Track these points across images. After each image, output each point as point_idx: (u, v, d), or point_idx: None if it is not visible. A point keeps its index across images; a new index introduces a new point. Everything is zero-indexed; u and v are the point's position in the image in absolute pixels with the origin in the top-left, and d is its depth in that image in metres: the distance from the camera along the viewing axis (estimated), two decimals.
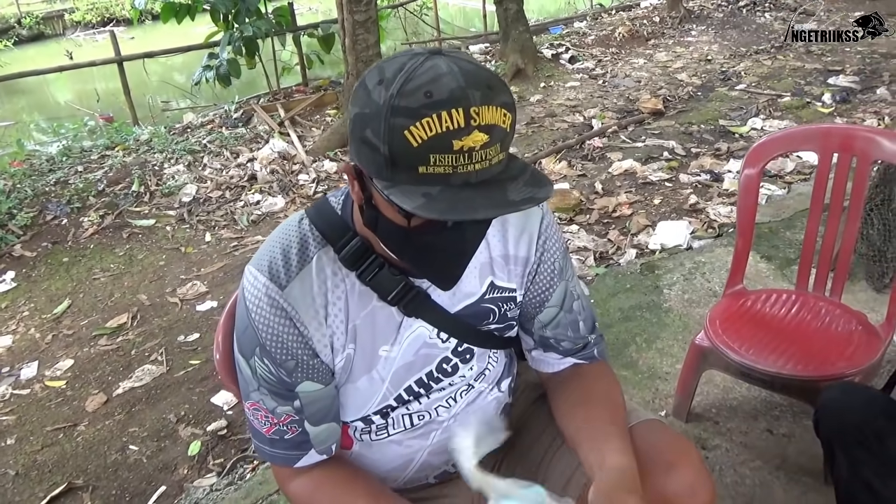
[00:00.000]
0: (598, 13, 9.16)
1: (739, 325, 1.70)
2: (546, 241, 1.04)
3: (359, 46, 5.15)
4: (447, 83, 0.71)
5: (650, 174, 3.98)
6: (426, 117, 0.70)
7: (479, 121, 0.71)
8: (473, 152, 0.72)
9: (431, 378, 1.01)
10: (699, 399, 1.93)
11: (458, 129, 0.70)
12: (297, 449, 0.97)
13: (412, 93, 0.71)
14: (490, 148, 0.73)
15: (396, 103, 0.71)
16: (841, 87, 5.29)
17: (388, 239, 0.85)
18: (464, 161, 0.72)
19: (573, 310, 1.08)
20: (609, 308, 2.51)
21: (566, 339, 1.08)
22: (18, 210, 4.12)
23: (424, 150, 0.71)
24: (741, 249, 1.85)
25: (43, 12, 15.30)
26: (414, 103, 0.71)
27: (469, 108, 0.70)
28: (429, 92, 0.71)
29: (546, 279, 1.05)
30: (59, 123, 6.10)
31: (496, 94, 0.73)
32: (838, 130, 1.74)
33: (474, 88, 0.72)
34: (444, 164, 0.71)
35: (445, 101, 0.70)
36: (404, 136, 0.71)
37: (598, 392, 1.04)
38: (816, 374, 1.51)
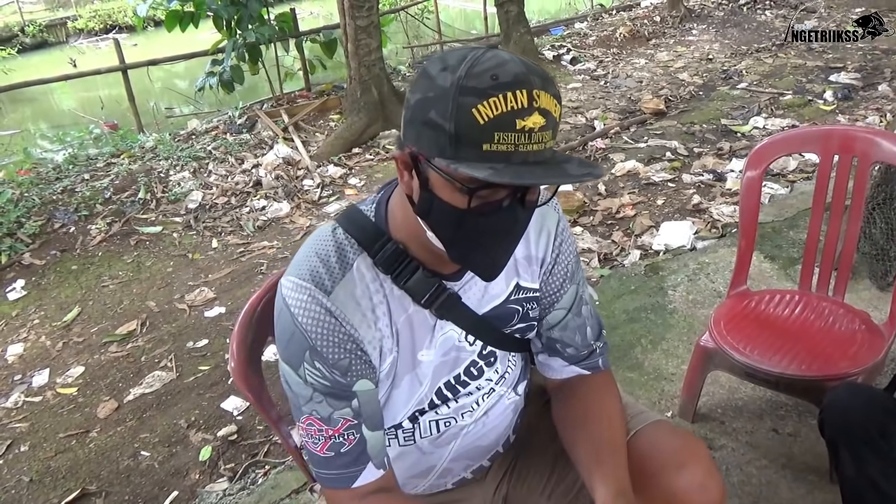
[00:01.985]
0: (598, 14, 9.17)
1: (744, 326, 1.72)
2: (562, 242, 1.07)
3: (361, 51, 5.18)
4: (511, 68, 0.76)
5: (653, 175, 4.00)
6: (493, 97, 0.74)
7: (540, 103, 0.76)
8: (533, 133, 0.76)
9: (459, 381, 1.04)
10: (705, 399, 1.95)
11: (522, 108, 0.75)
12: (354, 464, 0.94)
13: (480, 75, 0.76)
14: (545, 132, 0.77)
15: (465, 83, 0.75)
16: (842, 84, 5.30)
17: (442, 223, 0.85)
18: (524, 140, 0.76)
19: (581, 314, 1.10)
20: (614, 310, 2.53)
21: (572, 344, 1.10)
22: (27, 219, 4.16)
23: (490, 128, 0.74)
24: (744, 250, 1.87)
25: (46, 20, 15.38)
26: (482, 84, 0.75)
27: (532, 91, 0.75)
28: (495, 75, 0.75)
29: (558, 280, 1.07)
30: (65, 132, 6.13)
31: (549, 85, 0.79)
32: (839, 132, 1.76)
33: (535, 75, 0.77)
34: (507, 142, 0.75)
35: (511, 83, 0.75)
36: (472, 113, 0.74)
37: (597, 412, 1.06)
38: (820, 374, 1.53)
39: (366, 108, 5.28)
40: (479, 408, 1.07)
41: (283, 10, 6.59)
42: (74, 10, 16.06)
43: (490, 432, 1.11)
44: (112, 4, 16.09)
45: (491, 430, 1.11)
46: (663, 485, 0.98)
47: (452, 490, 1.16)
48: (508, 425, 1.14)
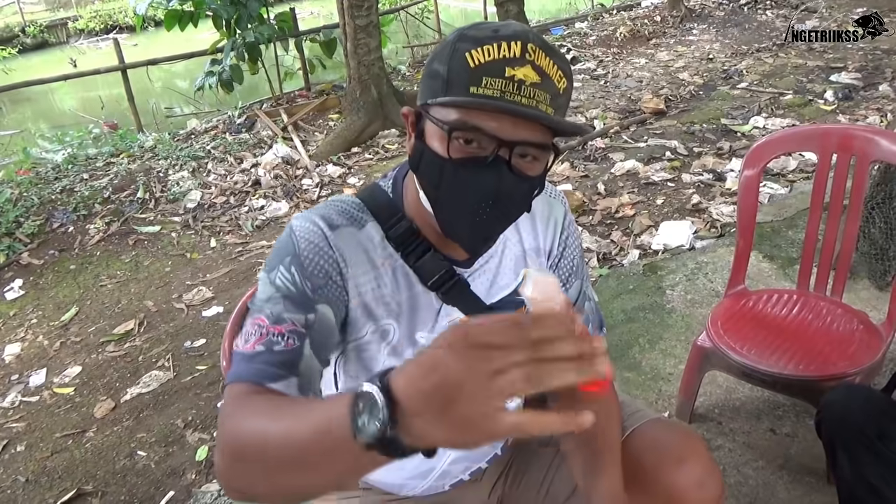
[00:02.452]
0: (599, 13, 9.16)
1: (741, 326, 1.71)
2: (568, 236, 1.06)
3: (360, 51, 5.18)
4: (517, 27, 0.80)
5: (653, 174, 3.99)
6: (488, 44, 0.77)
7: (534, 58, 0.77)
8: (523, 86, 0.76)
9: None
10: (702, 400, 1.94)
11: (514, 58, 0.77)
12: (280, 368, 0.80)
13: (483, 28, 0.80)
14: (540, 90, 0.77)
15: (465, 32, 0.80)
16: (843, 84, 5.28)
17: (428, 175, 0.85)
18: (511, 89, 0.76)
19: (584, 310, 1.09)
20: (612, 309, 2.52)
21: None
22: (25, 218, 4.15)
23: (479, 72, 0.77)
24: (742, 250, 1.86)
25: (47, 21, 15.40)
26: (481, 34, 0.79)
27: (527, 44, 0.77)
28: (497, 29, 0.79)
29: (564, 274, 1.07)
30: (64, 131, 6.13)
31: (556, 56, 0.80)
32: (837, 130, 1.75)
33: (538, 39, 0.79)
34: (493, 87, 0.76)
35: (509, 35, 0.78)
36: (464, 57, 0.77)
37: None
38: (818, 375, 1.52)
39: (365, 107, 5.28)
40: None
41: (283, 10, 6.59)
42: (75, 11, 16.08)
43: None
44: (113, 5, 16.10)
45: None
46: (662, 481, 0.97)
47: (449, 491, 1.15)
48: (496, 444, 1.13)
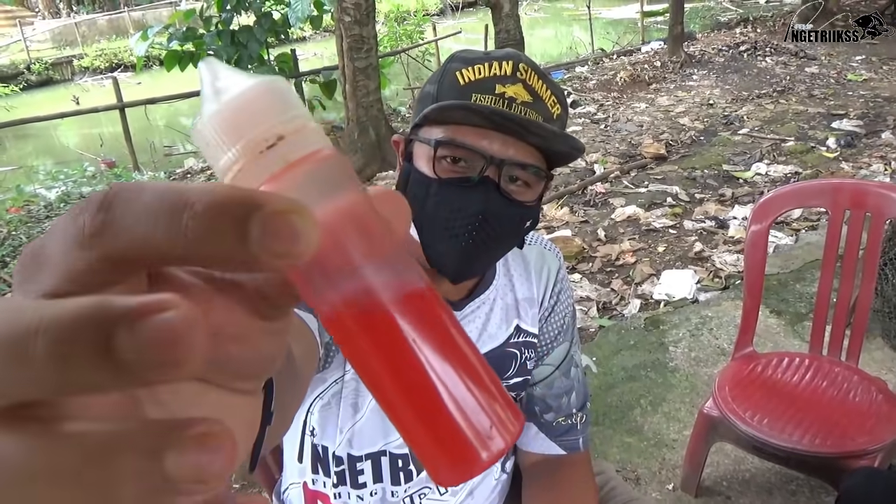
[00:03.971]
0: (599, 58, 9.23)
1: (750, 393, 1.59)
2: (561, 290, 1.01)
3: (359, 92, 5.16)
4: (508, 50, 0.79)
5: (654, 220, 3.90)
6: (479, 63, 0.76)
7: (526, 77, 0.75)
8: (514, 103, 0.74)
9: None
10: (709, 471, 1.81)
11: (504, 76, 0.75)
12: None
13: (475, 51, 0.81)
14: (531, 110, 0.75)
15: (457, 54, 0.80)
16: (845, 131, 5.24)
17: (415, 197, 0.79)
18: (502, 106, 0.74)
19: (570, 376, 1.01)
20: (612, 367, 2.40)
21: (553, 407, 1.00)
22: (12, 258, 4.05)
23: (469, 89, 0.75)
24: (750, 309, 1.75)
25: (52, 58, 15.62)
26: (472, 55, 0.79)
27: (518, 63, 0.76)
28: (489, 52, 0.79)
29: (553, 331, 1.00)
30: (59, 169, 6.09)
31: (549, 80, 0.78)
32: (850, 186, 1.66)
33: (530, 61, 0.78)
34: (483, 103, 0.74)
35: (500, 56, 0.77)
36: (455, 75, 0.76)
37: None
38: (836, 451, 1.40)
39: (363, 148, 5.24)
40: (464, 486, 0.97)
41: (284, 51, 6.62)
42: (81, 49, 16.32)
43: None
44: (118, 43, 16.36)
45: None
46: None
47: None
48: None
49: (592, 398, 2.20)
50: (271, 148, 0.21)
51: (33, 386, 0.16)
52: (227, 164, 0.21)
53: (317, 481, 0.97)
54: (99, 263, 0.18)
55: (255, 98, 0.21)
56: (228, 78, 0.22)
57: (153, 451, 0.16)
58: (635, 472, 1.87)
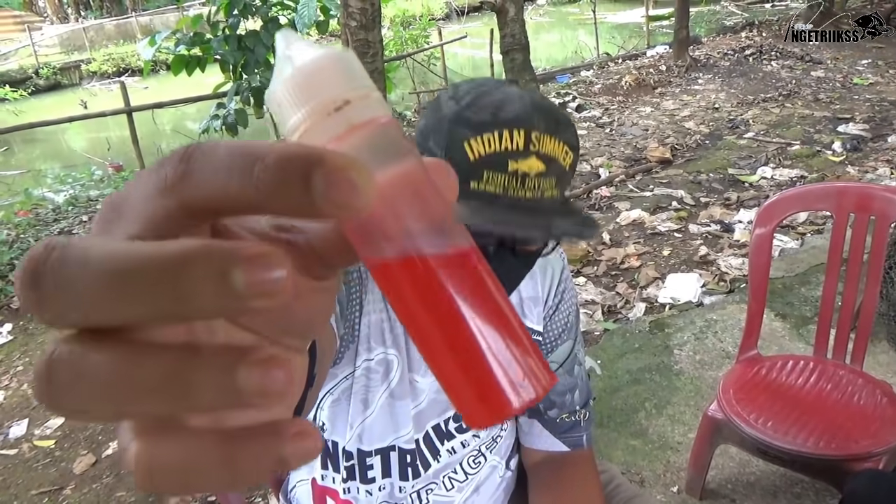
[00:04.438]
0: (604, 62, 9.23)
1: (755, 395, 1.60)
2: (565, 290, 1.01)
3: None
4: (517, 106, 0.72)
5: (659, 224, 3.90)
6: (487, 132, 0.71)
7: (539, 147, 0.71)
8: (527, 178, 0.71)
9: (447, 427, 0.96)
10: (714, 473, 1.81)
11: (517, 150, 0.71)
12: None
13: (480, 108, 0.72)
14: (545, 179, 0.72)
15: (462, 113, 0.72)
16: (851, 135, 5.24)
17: None
18: (515, 185, 0.71)
19: (573, 374, 1.02)
20: (617, 370, 2.41)
21: (556, 404, 1.01)
22: (20, 260, 4.09)
23: (479, 165, 0.71)
24: (754, 313, 1.75)
25: (61, 63, 15.72)
26: (478, 117, 0.72)
27: (531, 133, 0.71)
28: (497, 110, 0.72)
29: (556, 330, 1.01)
30: (67, 173, 6.14)
31: (562, 130, 0.74)
32: (854, 189, 1.66)
33: (541, 117, 0.72)
34: (495, 182, 0.71)
35: (510, 120, 0.71)
36: (463, 146, 0.71)
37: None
38: (840, 454, 1.40)
39: None
40: (468, 479, 0.99)
41: None
42: (89, 54, 16.42)
43: None
44: (126, 48, 16.45)
45: None
46: None
47: None
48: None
49: (597, 401, 2.21)
50: (338, 111, 0.22)
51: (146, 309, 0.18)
52: (296, 123, 0.23)
53: (326, 477, 0.98)
54: (179, 211, 0.20)
55: (326, 66, 0.23)
56: (302, 47, 0.24)
57: (227, 367, 0.19)
58: (640, 474, 1.88)
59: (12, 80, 13.78)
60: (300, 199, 0.19)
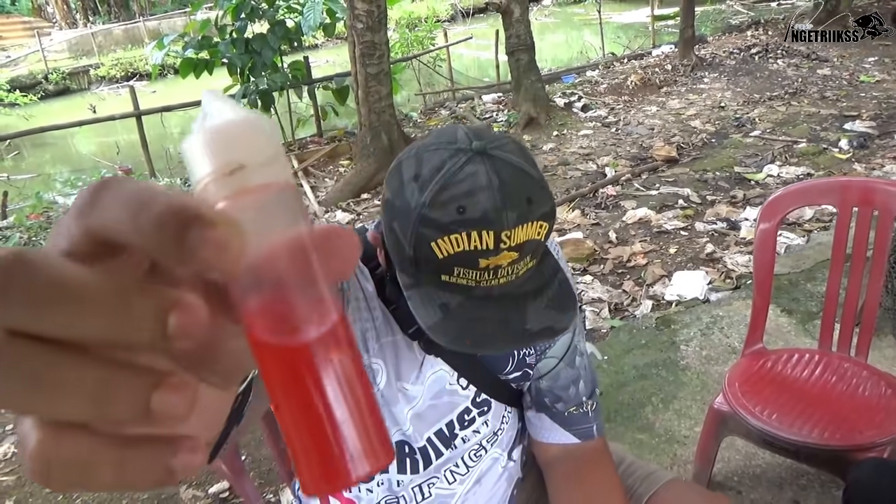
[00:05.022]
0: (609, 62, 9.24)
1: (760, 388, 1.61)
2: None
3: (371, 98, 5.22)
4: (482, 201, 0.68)
5: (665, 222, 3.92)
6: (455, 233, 0.69)
7: (510, 243, 0.70)
8: (500, 269, 0.71)
9: (451, 429, 0.97)
10: (720, 466, 1.83)
11: (487, 250, 0.69)
12: None
13: (444, 205, 0.69)
14: (519, 263, 0.72)
15: (426, 214, 0.69)
16: (858, 132, 5.23)
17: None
18: (488, 277, 0.71)
19: (575, 365, 1.02)
20: (623, 365, 2.42)
21: (562, 398, 1.01)
22: None
23: (449, 263, 0.70)
24: (759, 306, 1.77)
25: (69, 68, 15.84)
26: (444, 217, 0.69)
27: (500, 233, 0.68)
28: (461, 207, 0.68)
29: None
30: (78, 176, 6.20)
31: (535, 208, 0.71)
32: (857, 184, 1.68)
33: (511, 208, 0.69)
34: (467, 277, 0.71)
35: (477, 220, 0.68)
36: (430, 246, 0.70)
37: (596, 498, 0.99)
38: (844, 444, 1.42)
39: (375, 154, 5.29)
40: (469, 472, 1.00)
41: (297, 59, 6.70)
42: (98, 59, 16.54)
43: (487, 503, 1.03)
44: (134, 53, 16.57)
45: (485, 502, 1.03)
46: None
47: None
48: (503, 496, 1.06)
49: (604, 396, 2.23)
50: (232, 174, 0.24)
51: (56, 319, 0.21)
52: (196, 179, 0.24)
53: None
54: (84, 236, 0.22)
55: (233, 130, 0.24)
56: (220, 108, 0.25)
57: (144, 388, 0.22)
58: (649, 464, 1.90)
59: (22, 85, 13.90)
60: (173, 250, 0.21)
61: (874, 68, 7.35)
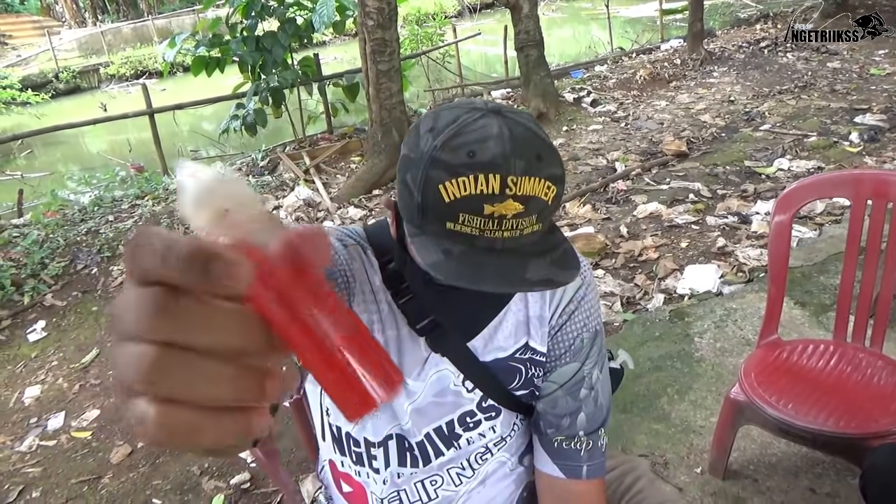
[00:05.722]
0: (618, 57, 9.24)
1: (776, 378, 1.64)
2: (575, 311, 0.96)
3: (382, 95, 5.25)
4: (492, 146, 0.70)
5: (676, 217, 3.94)
6: (462, 176, 0.70)
7: (516, 191, 0.70)
8: (504, 220, 0.71)
9: (452, 429, 0.95)
10: (736, 455, 1.86)
11: (492, 194, 0.70)
12: None
13: (456, 149, 0.71)
14: (524, 218, 0.72)
15: (438, 155, 0.72)
16: (868, 125, 5.22)
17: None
18: (492, 226, 0.71)
19: (578, 398, 0.96)
20: (639, 357, 2.45)
21: (553, 424, 0.97)
22: (51, 259, 4.20)
23: (455, 208, 0.71)
24: (774, 297, 1.79)
25: (80, 66, 15.94)
26: (454, 159, 0.71)
27: (507, 177, 0.70)
28: (472, 152, 0.71)
29: (560, 349, 0.96)
30: (91, 174, 6.26)
31: (543, 166, 0.72)
32: (870, 176, 1.70)
33: (519, 157, 0.71)
34: (471, 225, 0.71)
35: (485, 164, 0.70)
36: (438, 189, 0.71)
37: None
38: (860, 432, 1.45)
39: (386, 150, 5.32)
40: (475, 474, 0.99)
41: (307, 55, 6.73)
42: (107, 57, 16.63)
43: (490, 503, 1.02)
44: (143, 51, 16.65)
45: (490, 501, 1.02)
46: None
47: None
48: (511, 497, 1.04)
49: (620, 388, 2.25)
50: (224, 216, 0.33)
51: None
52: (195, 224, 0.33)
53: (336, 461, 1.02)
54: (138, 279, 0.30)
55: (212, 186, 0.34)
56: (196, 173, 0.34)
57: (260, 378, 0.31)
58: (664, 457, 1.93)
59: (34, 84, 14.00)
60: (202, 279, 0.29)
61: (885, 61, 7.32)
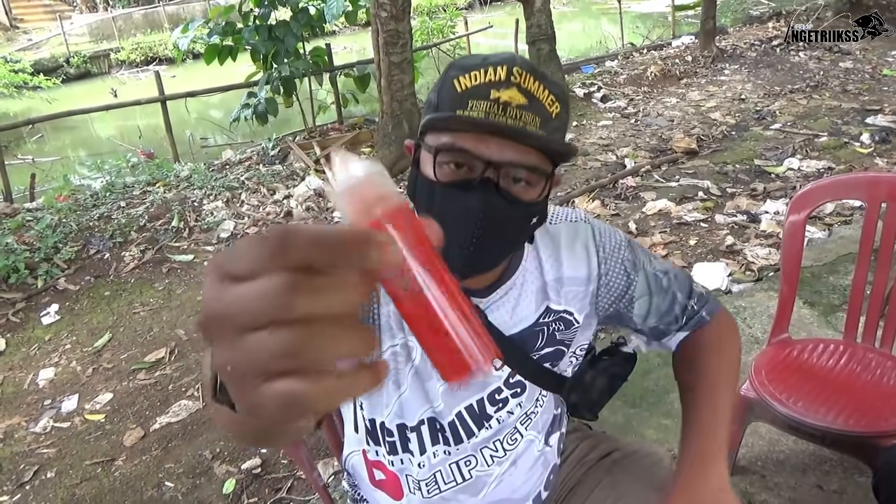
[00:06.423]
0: (629, 52, 9.21)
1: (786, 376, 1.66)
2: (605, 247, 1.01)
3: (394, 86, 5.26)
4: (505, 54, 0.83)
5: (685, 214, 3.95)
6: (475, 70, 0.81)
7: (520, 81, 0.79)
8: (508, 107, 0.78)
9: (482, 407, 0.99)
10: (744, 451, 1.88)
11: (499, 81, 0.79)
12: None
13: (474, 56, 0.84)
14: (527, 112, 0.79)
15: (457, 62, 0.84)
16: (880, 126, 5.22)
17: (420, 200, 0.86)
18: (497, 111, 0.78)
19: (664, 287, 1.04)
20: (648, 353, 2.47)
21: (672, 319, 1.06)
22: (64, 244, 4.23)
23: (465, 96, 0.80)
24: (786, 297, 1.81)
25: (90, 52, 15.96)
26: (470, 62, 0.82)
27: (512, 68, 0.79)
28: (487, 57, 0.83)
29: (621, 280, 1.02)
30: (103, 160, 6.29)
31: (546, 80, 0.82)
32: (887, 179, 1.71)
33: (527, 65, 0.81)
34: (479, 109, 0.78)
35: (496, 61, 0.81)
36: (452, 83, 0.81)
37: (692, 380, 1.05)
38: (870, 430, 1.47)
39: (396, 141, 5.34)
40: (507, 455, 1.02)
41: (318, 46, 6.74)
42: (118, 43, 16.64)
43: (521, 486, 1.05)
44: (154, 37, 16.65)
45: (521, 484, 1.05)
46: None
47: None
48: (538, 479, 1.07)
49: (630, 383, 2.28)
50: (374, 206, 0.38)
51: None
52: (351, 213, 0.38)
53: (370, 451, 1.05)
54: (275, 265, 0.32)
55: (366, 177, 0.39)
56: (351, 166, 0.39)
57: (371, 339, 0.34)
58: (672, 451, 1.96)
59: (45, 68, 14.02)
60: (362, 260, 0.33)
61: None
